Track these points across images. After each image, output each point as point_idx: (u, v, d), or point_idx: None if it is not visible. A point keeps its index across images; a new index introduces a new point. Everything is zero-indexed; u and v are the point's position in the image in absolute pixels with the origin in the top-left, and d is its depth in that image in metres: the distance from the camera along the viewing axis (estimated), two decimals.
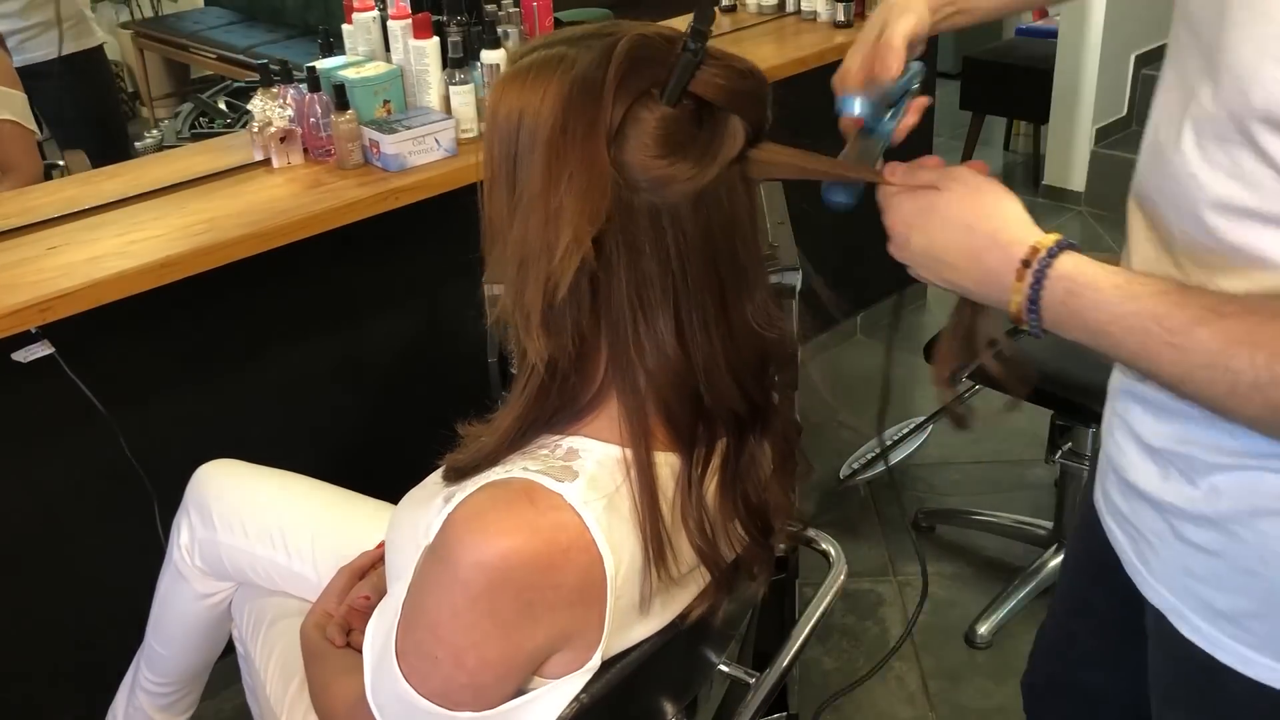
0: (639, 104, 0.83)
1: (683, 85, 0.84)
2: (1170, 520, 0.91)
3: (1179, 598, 0.93)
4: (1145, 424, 0.92)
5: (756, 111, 0.88)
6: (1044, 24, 4.55)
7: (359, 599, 1.23)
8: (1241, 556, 0.85)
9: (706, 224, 0.86)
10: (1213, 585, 0.89)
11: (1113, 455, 0.99)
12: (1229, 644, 0.89)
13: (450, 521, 0.85)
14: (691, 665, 1.18)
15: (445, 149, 1.98)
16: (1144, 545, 0.96)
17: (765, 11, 2.91)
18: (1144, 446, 0.93)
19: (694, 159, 0.84)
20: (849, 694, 2.05)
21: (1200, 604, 0.91)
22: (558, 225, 0.83)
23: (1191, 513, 0.88)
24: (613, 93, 0.82)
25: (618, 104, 0.83)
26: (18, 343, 1.63)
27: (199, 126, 4.50)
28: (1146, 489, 0.93)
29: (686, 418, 0.90)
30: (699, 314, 0.87)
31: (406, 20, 2.02)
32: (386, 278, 2.16)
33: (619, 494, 0.88)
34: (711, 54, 0.85)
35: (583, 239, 0.82)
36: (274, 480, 1.54)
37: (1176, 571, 0.92)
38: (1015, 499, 2.57)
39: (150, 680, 1.65)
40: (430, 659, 0.87)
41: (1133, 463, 0.95)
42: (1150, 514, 0.94)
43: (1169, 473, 0.90)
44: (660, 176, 0.84)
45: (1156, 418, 0.90)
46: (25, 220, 1.81)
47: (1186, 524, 0.89)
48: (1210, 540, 0.87)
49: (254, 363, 2.04)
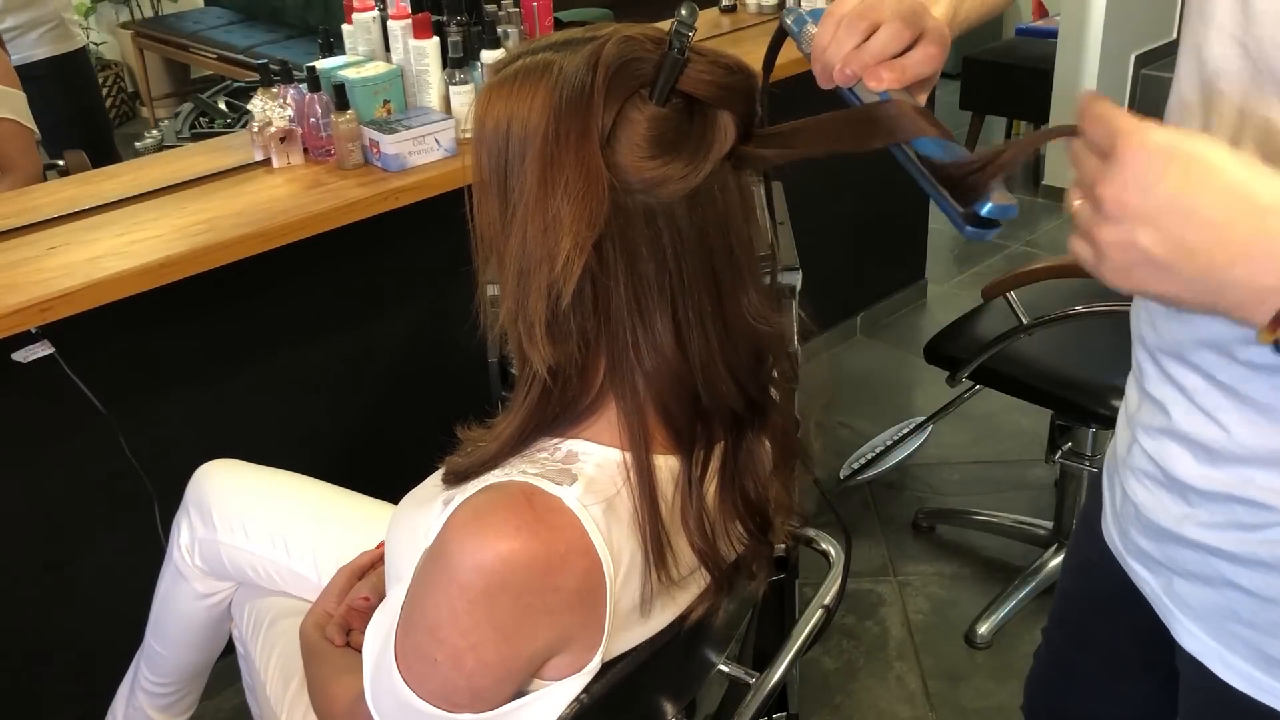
0: (629, 105, 0.83)
1: (670, 84, 0.83)
2: (1216, 564, 0.86)
3: (1223, 643, 0.89)
4: (1185, 465, 0.87)
5: (746, 107, 0.88)
6: (1044, 24, 4.55)
7: (359, 599, 1.23)
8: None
9: (701, 222, 0.86)
10: (1265, 631, 0.85)
11: (1138, 497, 0.94)
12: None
13: (449, 525, 0.85)
14: (691, 665, 1.18)
15: (445, 149, 1.98)
16: (1183, 588, 0.91)
17: (765, 11, 2.90)
18: (1181, 488, 0.88)
19: (686, 158, 0.84)
20: (849, 694, 2.06)
21: (1250, 650, 0.87)
22: (557, 233, 0.82)
23: (1244, 556, 0.84)
24: (602, 96, 0.82)
25: (608, 107, 0.82)
26: (18, 343, 1.63)
27: (199, 126, 4.50)
28: (1183, 532, 0.88)
29: (685, 419, 0.90)
30: (695, 313, 0.87)
31: (406, 20, 2.02)
32: (386, 278, 2.16)
33: (618, 497, 0.88)
34: (698, 51, 0.85)
35: (584, 245, 0.82)
36: (274, 480, 1.54)
37: (1221, 616, 0.88)
38: (1015, 499, 2.57)
39: (150, 680, 1.65)
40: (429, 661, 0.87)
41: (1165, 505, 0.90)
42: (1190, 557, 0.89)
43: (1215, 516, 0.85)
44: (654, 177, 0.83)
45: (1201, 459, 0.85)
46: (25, 220, 1.81)
47: (1238, 568, 0.85)
48: (1264, 585, 0.83)
49: (254, 363, 2.04)
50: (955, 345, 2.19)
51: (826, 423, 2.83)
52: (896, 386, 3.05)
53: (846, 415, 2.87)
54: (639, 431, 0.89)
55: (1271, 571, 0.82)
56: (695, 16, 0.83)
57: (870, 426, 2.80)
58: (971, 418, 2.78)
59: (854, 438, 2.76)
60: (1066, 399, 2.06)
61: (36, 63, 2.76)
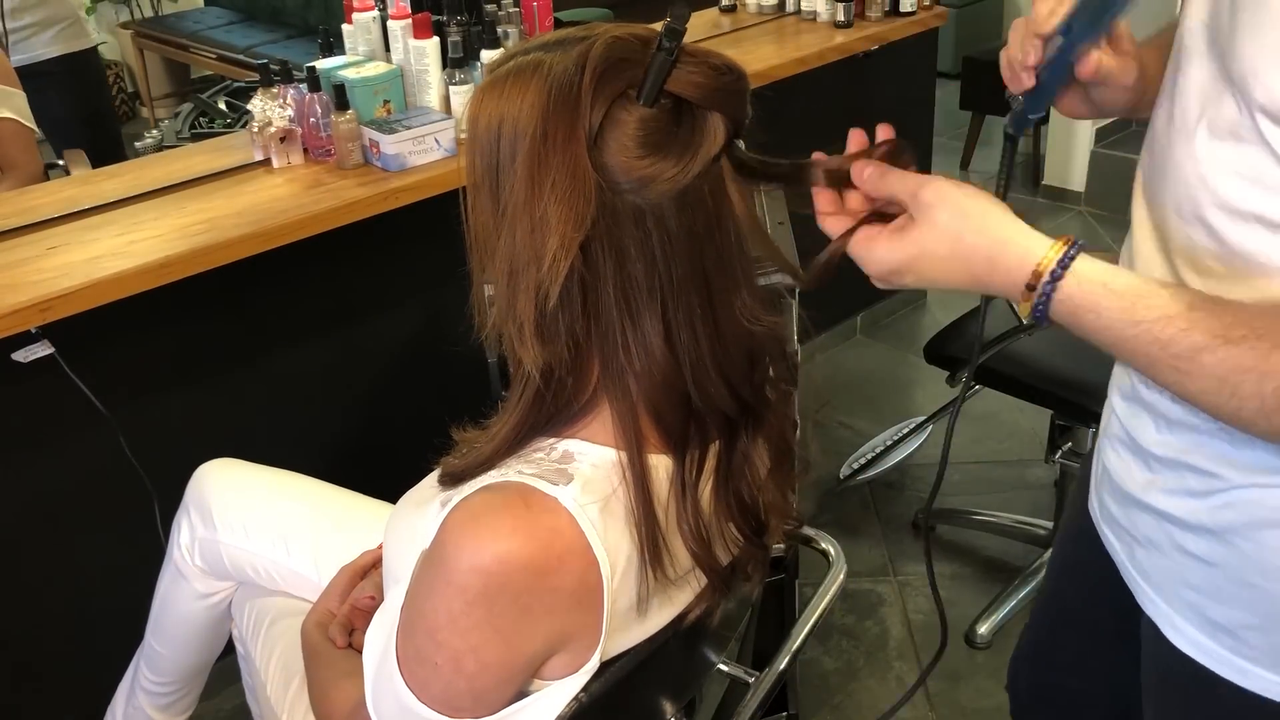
0: (617, 105, 0.83)
1: (659, 85, 0.83)
2: (1169, 530, 0.90)
3: (1174, 608, 0.92)
4: (1148, 432, 0.91)
5: (736, 108, 0.88)
6: None
7: (363, 598, 1.23)
8: (1241, 568, 0.85)
9: (690, 223, 0.86)
10: (1210, 596, 0.88)
11: (1110, 462, 0.98)
12: (1225, 655, 0.89)
13: (446, 526, 0.85)
14: (690, 665, 1.18)
15: (445, 149, 1.98)
16: (1141, 554, 0.95)
17: (765, 11, 2.90)
18: (1144, 454, 0.92)
19: (675, 158, 0.84)
20: (849, 694, 2.06)
21: (1196, 615, 0.90)
22: (544, 233, 0.83)
23: (1192, 523, 0.88)
24: (590, 96, 0.82)
25: (596, 107, 0.82)
26: (18, 343, 1.63)
27: (199, 126, 4.50)
28: (1144, 498, 0.92)
29: (677, 420, 0.90)
30: (685, 314, 0.87)
31: (406, 20, 2.02)
32: (386, 278, 2.16)
33: (614, 497, 0.88)
34: (688, 52, 0.85)
35: (570, 245, 0.82)
36: (274, 480, 1.54)
37: (1173, 581, 0.92)
38: (1015, 499, 2.57)
39: (150, 680, 1.65)
40: (430, 665, 0.87)
41: (1131, 471, 0.94)
42: (1148, 522, 0.93)
43: (1170, 482, 0.89)
44: (642, 177, 0.83)
45: (1160, 427, 0.89)
46: (25, 220, 1.81)
47: (1186, 534, 0.88)
48: (1209, 551, 0.87)
49: (254, 362, 2.04)
50: (955, 345, 2.19)
51: (826, 423, 2.84)
52: (896, 386, 3.05)
53: (846, 415, 2.87)
54: (632, 432, 0.89)
55: (1215, 537, 0.86)
56: (686, 19, 0.83)
57: (870, 426, 2.80)
58: (971, 418, 2.78)
59: (854, 438, 2.76)
60: (1066, 399, 2.06)
61: (51, 60, 2.77)
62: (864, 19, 2.81)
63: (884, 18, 2.82)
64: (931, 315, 3.32)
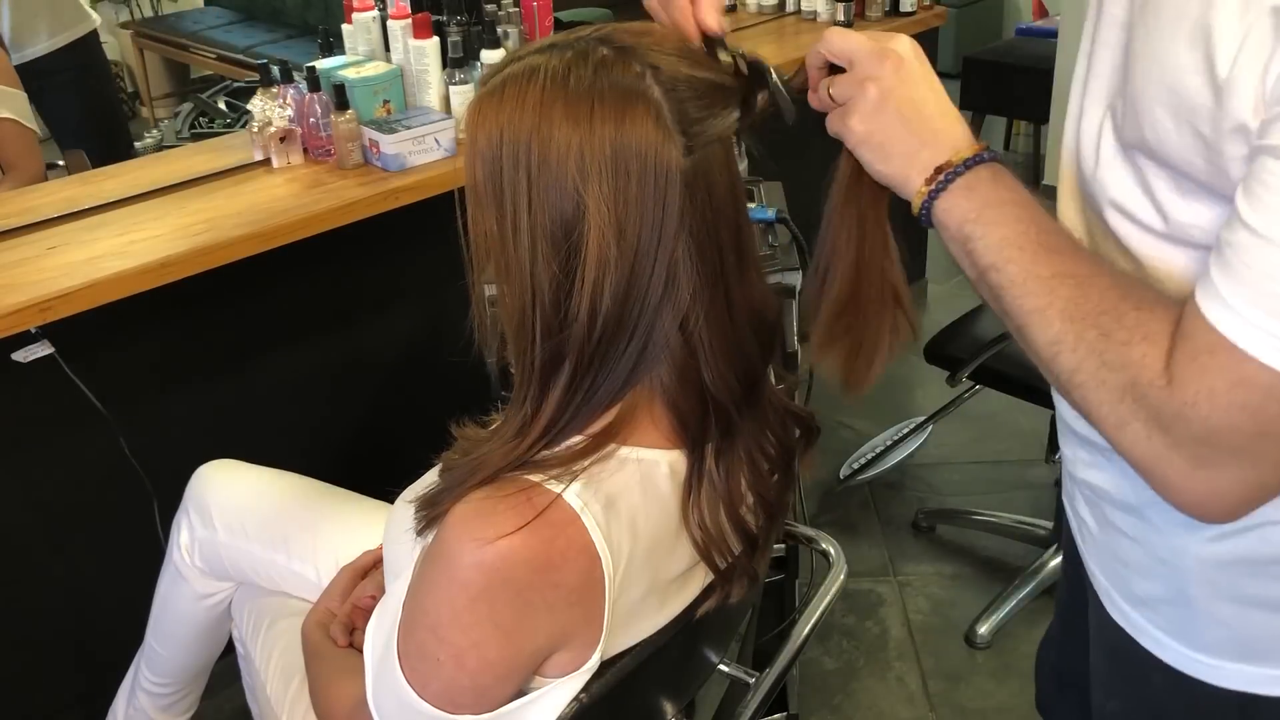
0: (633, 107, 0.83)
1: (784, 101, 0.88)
2: (1100, 505, 0.93)
3: (1110, 581, 0.96)
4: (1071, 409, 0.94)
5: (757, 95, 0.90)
6: (1044, 24, 4.54)
7: (365, 598, 1.23)
8: (1156, 544, 0.87)
9: (703, 206, 0.86)
10: (1134, 570, 0.91)
11: (1063, 446, 1.02)
12: (1147, 628, 0.92)
13: (448, 523, 0.85)
14: (691, 665, 1.18)
15: (445, 149, 1.98)
16: (1084, 530, 0.99)
17: (765, 11, 2.91)
18: (1073, 432, 0.94)
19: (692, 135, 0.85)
20: (849, 694, 2.06)
21: (1125, 588, 0.93)
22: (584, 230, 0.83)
23: (1116, 497, 0.90)
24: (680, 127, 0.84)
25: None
26: (18, 343, 1.63)
27: (199, 126, 4.50)
28: (1079, 474, 0.95)
29: (690, 413, 0.90)
30: (700, 305, 0.87)
31: (406, 20, 2.02)
32: (386, 278, 2.16)
33: (618, 494, 0.88)
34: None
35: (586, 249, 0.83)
36: (274, 480, 1.54)
37: (1107, 556, 0.95)
38: (1015, 499, 2.57)
39: (150, 680, 1.65)
40: (432, 661, 0.87)
41: (1072, 449, 0.97)
42: (1085, 498, 0.96)
43: (1096, 458, 0.91)
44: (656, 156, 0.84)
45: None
46: (25, 220, 1.81)
47: (1115, 510, 0.91)
48: (1131, 526, 0.90)
49: (254, 362, 2.04)
50: (955, 345, 2.19)
51: (826, 422, 2.83)
52: (896, 386, 3.05)
53: (846, 415, 2.87)
54: (638, 427, 0.89)
55: (1135, 513, 0.88)
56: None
57: (870, 426, 2.80)
58: (971, 418, 2.78)
59: (854, 438, 2.76)
60: None
61: (54, 54, 2.77)
62: (864, 19, 2.82)
63: (884, 17, 2.83)
64: (931, 315, 3.32)
